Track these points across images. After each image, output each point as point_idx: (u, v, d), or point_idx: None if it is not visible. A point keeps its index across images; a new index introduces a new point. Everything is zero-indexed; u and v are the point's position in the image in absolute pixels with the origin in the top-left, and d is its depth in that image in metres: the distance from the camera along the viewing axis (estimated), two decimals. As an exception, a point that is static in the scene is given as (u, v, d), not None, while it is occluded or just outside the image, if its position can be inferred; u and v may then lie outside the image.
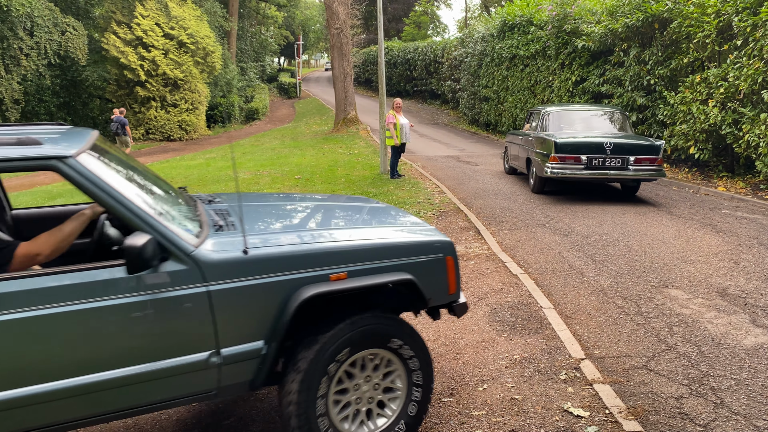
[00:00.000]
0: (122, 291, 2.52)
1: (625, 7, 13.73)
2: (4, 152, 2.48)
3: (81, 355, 2.49)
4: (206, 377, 2.71)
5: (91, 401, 2.55)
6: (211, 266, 2.65)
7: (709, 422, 3.35)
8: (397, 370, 3.09)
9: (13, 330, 2.36)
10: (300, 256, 2.87)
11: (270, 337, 2.78)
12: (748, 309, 5.03)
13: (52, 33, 25.90)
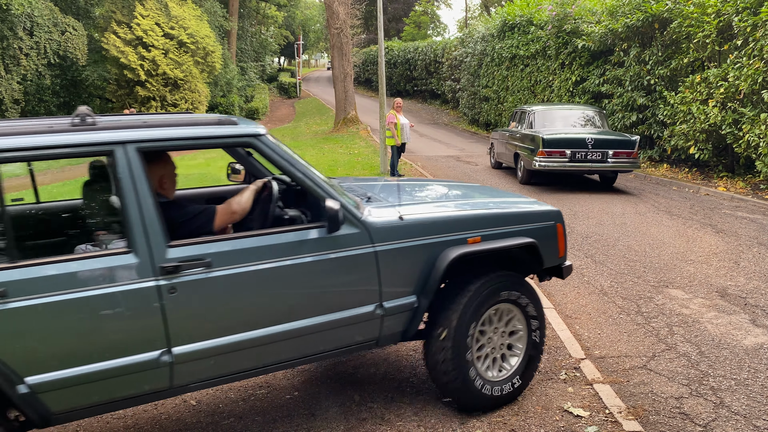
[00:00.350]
0: (316, 249, 2.96)
1: (625, 7, 13.73)
2: (214, 130, 2.92)
3: (284, 305, 2.93)
4: (371, 327, 3.18)
5: (290, 347, 3.00)
6: (376, 230, 3.11)
7: (709, 422, 3.35)
8: (519, 320, 3.57)
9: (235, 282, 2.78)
10: (443, 222, 3.35)
11: (420, 292, 3.25)
12: (748, 309, 5.03)
13: (51, 33, 25.90)
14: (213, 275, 2.75)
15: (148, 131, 2.78)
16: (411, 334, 3.33)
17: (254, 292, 2.86)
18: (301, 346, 3.03)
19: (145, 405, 3.70)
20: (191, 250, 2.75)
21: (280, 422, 3.46)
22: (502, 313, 3.51)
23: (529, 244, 3.52)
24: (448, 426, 3.36)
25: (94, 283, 2.54)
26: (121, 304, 2.59)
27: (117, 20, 26.74)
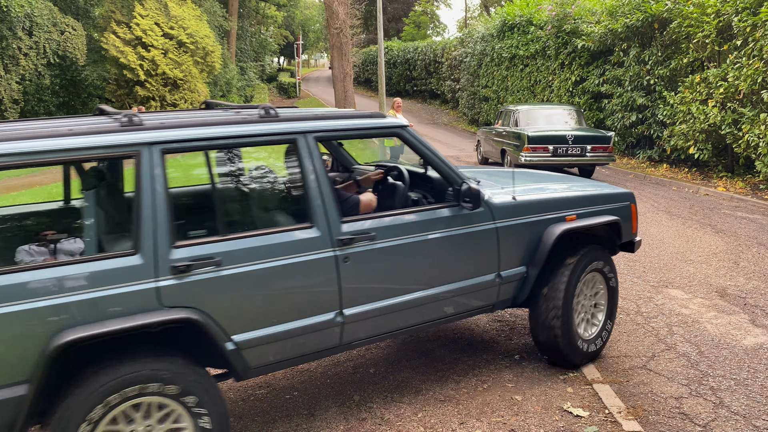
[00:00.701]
0: (455, 225, 3.49)
1: (625, 7, 13.73)
2: (374, 122, 3.47)
3: (429, 273, 3.44)
4: (491, 294, 3.73)
5: (430, 310, 3.49)
6: (497, 209, 3.65)
7: (708, 422, 3.35)
8: (601, 284, 4.16)
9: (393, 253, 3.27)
10: (546, 202, 3.90)
11: (529, 263, 3.80)
12: (748, 309, 5.03)
13: (51, 33, 25.89)
14: (376, 247, 3.21)
15: (324, 122, 3.28)
16: (520, 300, 3.89)
17: (407, 262, 3.36)
18: (438, 309, 3.55)
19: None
20: (359, 225, 3.20)
21: (280, 422, 3.46)
22: (592, 281, 4.11)
23: (613, 222, 4.11)
24: (448, 426, 3.36)
25: (287, 253, 2.95)
26: (307, 272, 3.01)
27: (116, 20, 26.72)
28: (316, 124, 3.21)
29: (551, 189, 4.23)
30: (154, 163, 2.84)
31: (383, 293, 3.27)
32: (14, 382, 2.41)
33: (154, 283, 2.64)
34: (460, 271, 3.55)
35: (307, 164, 3.10)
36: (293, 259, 2.97)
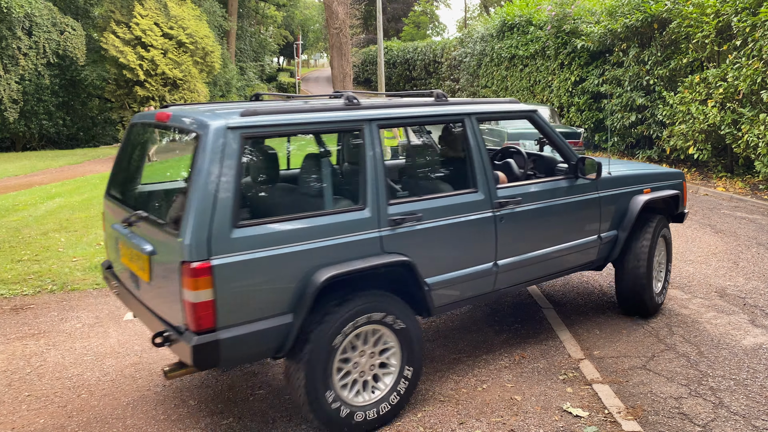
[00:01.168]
0: (574, 193, 4.31)
1: (625, 7, 13.73)
2: (516, 106, 4.27)
3: (556, 232, 4.22)
4: (593, 252, 4.52)
5: (554, 264, 4.28)
6: (600, 181, 4.41)
7: (708, 422, 3.35)
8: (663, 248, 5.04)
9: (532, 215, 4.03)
10: (631, 177, 4.75)
11: (618, 227, 4.63)
12: (747, 309, 5.03)
13: (50, 33, 25.88)
14: (521, 210, 3.95)
15: (480, 107, 4.02)
16: (612, 259, 4.68)
17: (541, 223, 4.10)
18: (559, 263, 4.31)
19: (144, 405, 3.70)
20: (510, 191, 3.94)
21: (280, 422, 3.46)
22: (661, 244, 4.95)
23: (675, 195, 4.98)
24: (447, 426, 3.36)
25: (463, 212, 3.65)
26: (475, 227, 3.71)
27: (116, 20, 26.70)
28: (475, 108, 3.95)
29: (630, 167, 5.05)
30: (374, 135, 3.39)
31: (524, 248, 4.01)
32: (284, 312, 3.00)
33: (378, 233, 3.29)
34: (576, 231, 4.36)
35: (473, 140, 3.82)
36: (467, 217, 3.67)
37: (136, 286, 3.40)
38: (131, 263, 3.39)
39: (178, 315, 2.89)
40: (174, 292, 2.89)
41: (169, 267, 2.94)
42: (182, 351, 2.87)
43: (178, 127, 3.32)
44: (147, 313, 3.28)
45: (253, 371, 4.14)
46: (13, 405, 3.75)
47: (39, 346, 4.69)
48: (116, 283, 3.76)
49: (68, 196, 12.02)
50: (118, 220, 3.56)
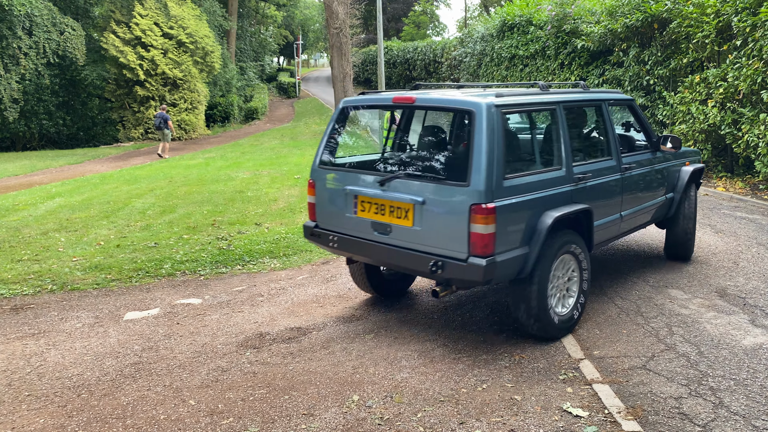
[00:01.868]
0: (658, 162, 5.81)
1: (625, 7, 13.72)
2: (619, 96, 5.57)
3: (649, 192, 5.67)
4: (665, 209, 6.05)
5: (645, 216, 5.72)
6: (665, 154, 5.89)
7: (708, 422, 3.34)
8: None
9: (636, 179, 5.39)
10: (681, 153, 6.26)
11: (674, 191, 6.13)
12: (747, 309, 5.03)
13: (50, 32, 25.87)
14: (634, 173, 5.36)
15: (609, 95, 5.45)
16: (669, 216, 6.15)
17: (642, 184, 5.50)
18: (650, 216, 5.81)
19: (144, 405, 3.70)
20: (628, 159, 5.33)
21: (279, 422, 3.46)
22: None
23: (702, 168, 6.43)
24: (447, 426, 3.36)
25: (607, 173, 4.97)
26: (613, 186, 5.04)
27: (116, 20, 26.71)
28: (607, 95, 5.40)
29: None
30: (563, 115, 4.60)
31: (633, 203, 5.39)
32: (525, 244, 4.13)
33: (569, 187, 4.50)
34: (658, 192, 5.84)
35: (608, 120, 5.16)
36: (609, 177, 4.99)
37: (382, 234, 4.39)
38: (380, 216, 4.40)
39: (459, 246, 3.95)
40: (453, 229, 3.97)
41: (449, 210, 4.02)
42: (465, 272, 3.92)
43: (437, 107, 4.66)
44: (394, 253, 4.29)
45: (253, 371, 4.14)
46: (13, 405, 3.75)
47: (39, 345, 4.69)
48: (334, 236, 4.69)
49: (68, 196, 12.02)
50: (347, 183, 4.61)
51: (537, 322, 4.29)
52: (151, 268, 6.77)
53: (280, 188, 11.96)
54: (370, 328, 4.85)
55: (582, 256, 4.57)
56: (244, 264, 6.93)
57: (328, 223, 4.82)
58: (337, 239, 4.68)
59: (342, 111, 4.96)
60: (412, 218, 4.19)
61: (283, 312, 5.33)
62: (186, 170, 15.65)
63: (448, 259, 3.97)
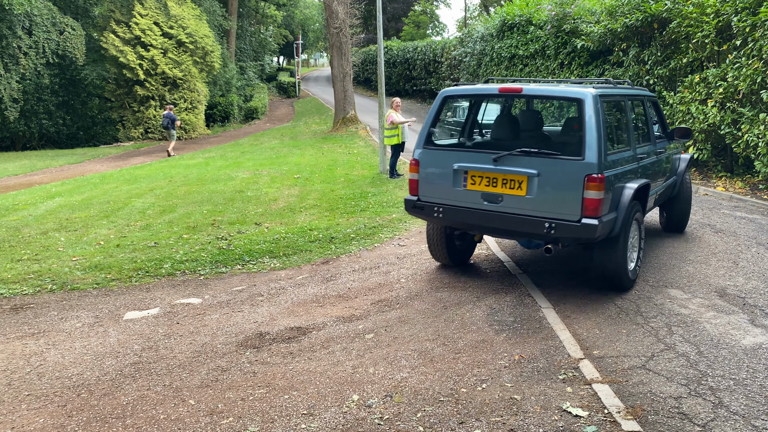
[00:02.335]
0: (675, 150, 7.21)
1: (625, 7, 13.72)
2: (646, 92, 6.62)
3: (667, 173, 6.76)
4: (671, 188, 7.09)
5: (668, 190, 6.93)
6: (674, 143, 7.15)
7: (707, 422, 3.35)
8: None
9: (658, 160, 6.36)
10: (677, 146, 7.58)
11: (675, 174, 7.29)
12: (747, 309, 5.03)
13: (50, 32, 25.87)
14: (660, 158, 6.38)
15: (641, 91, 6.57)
16: (673, 194, 7.23)
17: (664, 166, 6.59)
18: (665, 195, 6.89)
19: (144, 405, 3.70)
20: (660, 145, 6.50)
21: (279, 422, 3.46)
22: None
23: (691, 155, 7.67)
24: (447, 425, 3.36)
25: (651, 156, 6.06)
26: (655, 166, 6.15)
27: (116, 19, 26.71)
28: (643, 92, 6.56)
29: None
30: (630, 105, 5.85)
31: (660, 182, 6.46)
32: (614, 210, 5.09)
33: (635, 164, 5.55)
34: (671, 174, 6.95)
35: (648, 112, 6.40)
36: (653, 159, 6.10)
37: (492, 203, 5.22)
38: (491, 188, 5.22)
39: (573, 210, 4.86)
40: (567, 196, 4.89)
41: (563, 180, 4.90)
42: (578, 231, 4.85)
43: (545, 97, 6.61)
44: (506, 219, 5.15)
45: (253, 371, 4.14)
46: (13, 404, 3.75)
47: (39, 345, 4.69)
48: (439, 208, 5.46)
49: (68, 196, 12.02)
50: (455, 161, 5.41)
51: (617, 276, 5.29)
52: (150, 267, 6.77)
53: (279, 188, 11.96)
54: (369, 328, 4.86)
55: (641, 221, 5.65)
56: (243, 264, 6.93)
57: (433, 197, 5.58)
58: (443, 210, 5.45)
59: (443, 100, 5.76)
60: (525, 188, 5.04)
61: (282, 312, 5.33)
62: (186, 170, 15.64)
63: (561, 221, 4.88)
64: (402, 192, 10.90)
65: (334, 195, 10.92)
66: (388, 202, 10.02)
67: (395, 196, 10.58)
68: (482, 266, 6.42)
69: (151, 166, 17.61)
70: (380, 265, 6.67)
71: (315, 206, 10.01)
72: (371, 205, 9.84)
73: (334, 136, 23.24)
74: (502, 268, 6.33)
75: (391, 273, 6.35)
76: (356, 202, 10.20)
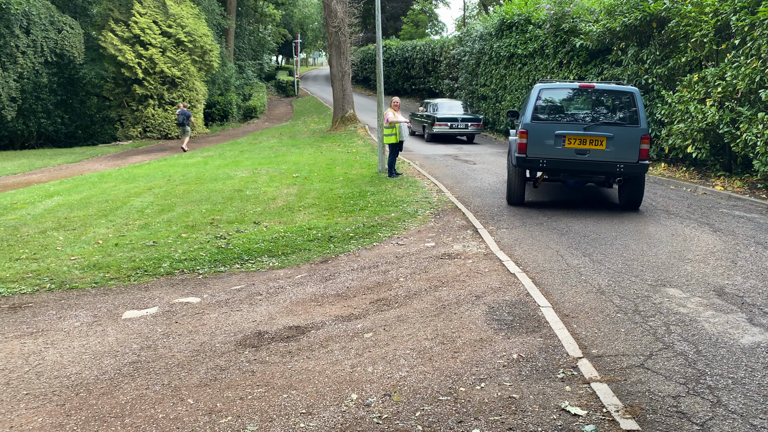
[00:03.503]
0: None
1: (623, 6, 13.72)
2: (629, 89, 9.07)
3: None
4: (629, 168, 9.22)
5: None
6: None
7: (706, 421, 3.35)
8: None
9: None
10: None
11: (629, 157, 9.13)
12: (745, 308, 5.03)
13: (48, 31, 25.83)
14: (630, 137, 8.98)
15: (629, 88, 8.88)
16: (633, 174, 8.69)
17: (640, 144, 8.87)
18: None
19: (142, 404, 3.69)
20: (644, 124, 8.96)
21: (277, 421, 3.46)
22: None
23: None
24: (446, 424, 3.36)
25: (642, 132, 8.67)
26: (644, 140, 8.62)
27: (114, 18, 26.67)
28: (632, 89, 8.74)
29: None
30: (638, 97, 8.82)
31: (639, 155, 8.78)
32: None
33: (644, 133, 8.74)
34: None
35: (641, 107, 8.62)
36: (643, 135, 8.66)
37: (581, 155, 8.58)
38: (582, 145, 8.57)
39: (633, 156, 8.45)
40: (630, 148, 8.45)
41: (628, 139, 8.44)
42: (637, 168, 8.49)
43: (608, 91, 8.98)
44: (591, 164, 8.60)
45: (252, 370, 4.14)
46: (12, 403, 3.75)
47: (37, 344, 4.69)
48: (543, 160, 8.72)
49: (66, 195, 12.00)
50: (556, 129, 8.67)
51: (640, 200, 8.99)
52: (149, 266, 6.76)
53: (278, 187, 11.95)
54: (368, 327, 4.86)
55: None
56: (242, 263, 6.93)
57: (538, 154, 8.75)
58: (546, 161, 8.73)
59: (538, 91, 9.04)
60: (605, 145, 8.51)
61: (281, 311, 5.33)
62: (184, 169, 15.63)
63: (627, 163, 8.46)
64: (401, 191, 10.89)
65: (333, 194, 10.92)
66: (387, 201, 10.02)
67: (394, 195, 10.58)
68: (481, 265, 6.42)
69: (150, 165, 17.59)
70: (379, 264, 6.67)
71: (314, 205, 10.00)
72: (370, 204, 9.84)
73: (332, 135, 23.23)
74: (501, 266, 6.34)
75: (389, 272, 6.35)
76: (355, 201, 10.20)
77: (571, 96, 9.21)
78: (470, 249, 7.07)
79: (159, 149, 23.19)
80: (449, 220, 8.58)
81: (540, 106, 8.91)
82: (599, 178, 9.10)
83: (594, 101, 9.13)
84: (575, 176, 9.12)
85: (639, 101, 8.57)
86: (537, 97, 8.95)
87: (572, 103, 9.27)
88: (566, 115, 8.99)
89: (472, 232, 7.85)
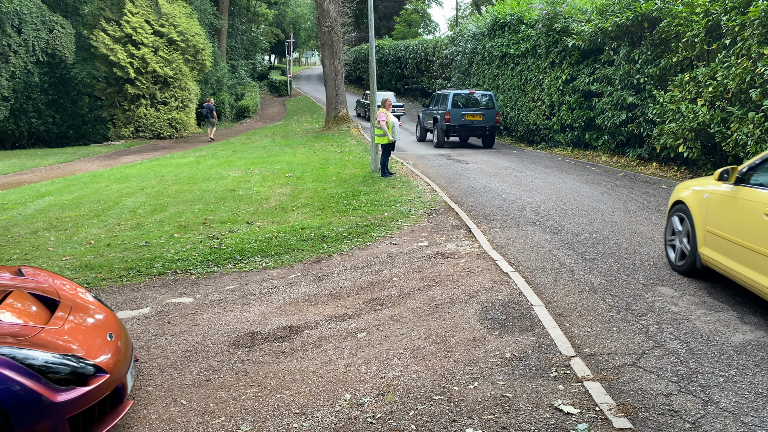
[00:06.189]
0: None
1: (615, 6, 13.78)
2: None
3: None
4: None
5: None
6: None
7: (697, 419, 3.37)
8: None
9: None
10: None
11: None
12: (737, 306, 5.07)
13: (40, 30, 25.67)
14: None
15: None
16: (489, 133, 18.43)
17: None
18: None
19: (137, 405, 3.68)
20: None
21: (271, 421, 3.45)
22: None
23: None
24: (439, 423, 3.37)
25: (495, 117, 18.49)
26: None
27: (106, 17, 26.53)
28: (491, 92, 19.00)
29: None
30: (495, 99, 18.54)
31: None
32: None
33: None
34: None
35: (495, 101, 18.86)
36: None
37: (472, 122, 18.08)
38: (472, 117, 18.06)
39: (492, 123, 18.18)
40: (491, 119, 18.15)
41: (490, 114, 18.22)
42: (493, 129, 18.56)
43: (481, 93, 18.36)
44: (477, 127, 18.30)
45: (245, 370, 4.13)
46: None
47: (29, 345, 4.66)
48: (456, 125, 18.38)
49: (58, 195, 11.94)
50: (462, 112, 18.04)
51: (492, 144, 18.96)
52: (141, 267, 6.74)
53: (271, 187, 11.93)
54: (362, 327, 4.86)
55: None
56: (235, 263, 6.91)
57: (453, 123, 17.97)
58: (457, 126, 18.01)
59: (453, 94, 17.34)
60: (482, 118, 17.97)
61: (274, 311, 5.33)
62: (177, 169, 15.57)
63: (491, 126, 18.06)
64: (394, 190, 10.90)
65: (326, 194, 10.91)
66: (380, 201, 10.02)
67: (387, 194, 10.58)
68: (474, 264, 6.43)
69: (142, 165, 17.51)
70: (372, 263, 6.67)
71: (307, 205, 9.99)
72: (363, 204, 9.84)
73: (325, 134, 23.20)
74: (494, 266, 6.35)
75: (383, 272, 6.35)
76: (348, 200, 10.19)
77: (466, 95, 18.17)
78: (463, 248, 7.08)
79: (151, 149, 23.10)
80: (442, 220, 8.59)
81: (454, 100, 17.96)
82: (478, 132, 18.16)
83: (476, 98, 18.24)
84: (468, 132, 18.32)
85: (494, 98, 18.19)
86: (452, 96, 18.07)
87: (467, 99, 18.23)
88: (465, 104, 17.69)
89: (465, 232, 7.86)
